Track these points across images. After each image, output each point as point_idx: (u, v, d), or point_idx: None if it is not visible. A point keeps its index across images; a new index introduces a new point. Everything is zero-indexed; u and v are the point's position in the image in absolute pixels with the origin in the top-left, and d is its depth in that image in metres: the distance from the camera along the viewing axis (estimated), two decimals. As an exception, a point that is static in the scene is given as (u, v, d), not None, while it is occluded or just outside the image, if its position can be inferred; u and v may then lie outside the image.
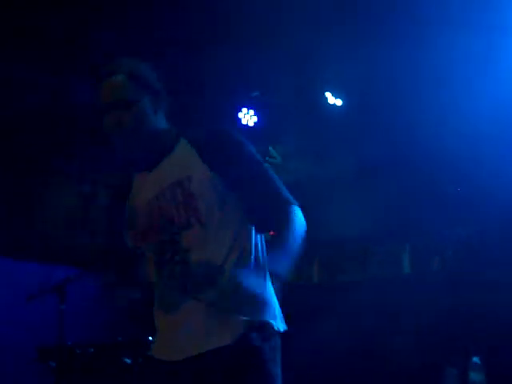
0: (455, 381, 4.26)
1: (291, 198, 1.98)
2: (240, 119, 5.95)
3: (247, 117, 5.98)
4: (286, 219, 1.94)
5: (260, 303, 1.92)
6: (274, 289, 1.94)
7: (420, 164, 5.59)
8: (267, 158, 6.15)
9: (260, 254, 2.00)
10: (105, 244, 2.21)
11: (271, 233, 1.99)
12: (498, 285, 4.88)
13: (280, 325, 1.95)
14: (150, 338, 3.87)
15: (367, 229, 5.93)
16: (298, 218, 1.96)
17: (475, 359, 4.22)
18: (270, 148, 6.22)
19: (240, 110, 5.98)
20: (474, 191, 5.40)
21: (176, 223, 1.95)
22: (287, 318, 1.98)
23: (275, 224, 1.97)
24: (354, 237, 5.95)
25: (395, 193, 5.73)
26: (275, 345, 1.92)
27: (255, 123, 5.98)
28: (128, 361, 3.79)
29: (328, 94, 5.65)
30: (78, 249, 4.77)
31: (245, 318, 1.88)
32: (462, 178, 5.46)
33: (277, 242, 1.94)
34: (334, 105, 5.69)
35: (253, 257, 1.97)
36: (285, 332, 1.97)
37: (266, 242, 2.01)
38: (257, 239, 2.01)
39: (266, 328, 1.90)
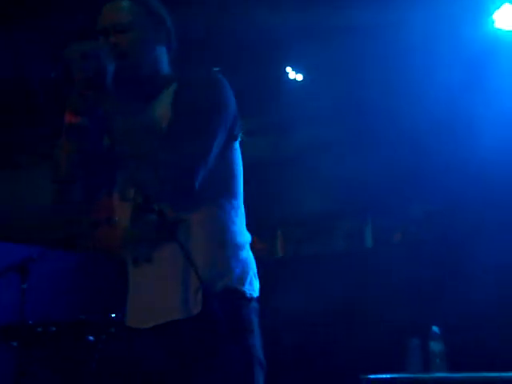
0: (418, 350, 4.34)
1: (192, 185, 1.80)
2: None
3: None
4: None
5: (229, 265, 1.86)
6: None
7: (383, 139, 5.63)
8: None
9: (229, 210, 1.92)
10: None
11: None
12: (458, 258, 4.96)
13: (253, 290, 1.90)
14: (113, 315, 3.88)
15: (330, 204, 5.96)
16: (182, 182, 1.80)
17: (435, 329, 4.30)
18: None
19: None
20: (438, 168, 5.45)
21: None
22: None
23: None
24: (317, 212, 5.98)
25: (358, 168, 5.77)
26: (248, 312, 1.86)
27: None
28: (91, 338, 3.79)
29: (288, 69, 5.63)
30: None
31: (212, 286, 1.80)
32: (426, 153, 5.50)
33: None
34: (295, 80, 5.68)
35: (221, 210, 1.89)
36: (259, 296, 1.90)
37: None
38: (230, 193, 1.93)
39: (236, 296, 1.84)
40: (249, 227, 2.01)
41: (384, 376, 4.28)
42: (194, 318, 1.79)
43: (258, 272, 1.98)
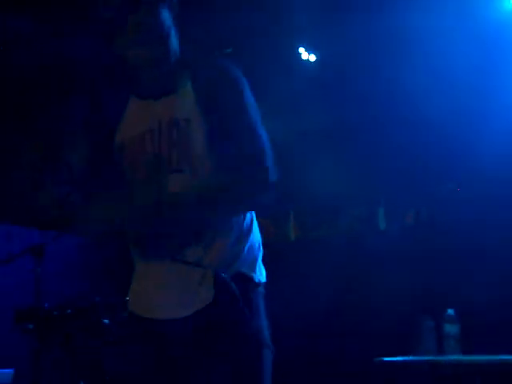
0: (432, 332, 4.32)
1: (270, 176, 1.84)
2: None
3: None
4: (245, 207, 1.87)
5: (239, 256, 1.87)
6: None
7: (396, 121, 5.58)
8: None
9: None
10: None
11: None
12: (473, 239, 4.93)
13: (261, 275, 1.91)
14: (127, 298, 3.89)
15: (343, 186, 5.93)
16: (257, 205, 1.87)
17: (450, 311, 4.28)
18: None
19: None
20: (451, 151, 5.39)
21: (167, 164, 1.85)
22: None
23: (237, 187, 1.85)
24: (328, 193, 5.95)
25: (371, 150, 5.73)
26: (257, 296, 1.88)
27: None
28: (106, 321, 3.81)
29: (301, 50, 5.57)
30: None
31: (224, 271, 1.82)
32: (440, 136, 5.45)
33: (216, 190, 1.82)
34: (308, 60, 5.61)
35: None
36: (266, 282, 1.93)
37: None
38: None
39: (245, 281, 1.85)
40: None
41: (398, 359, 4.27)
42: (210, 305, 1.81)
43: (272, 256, 1.99)
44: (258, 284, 1.89)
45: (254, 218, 1.97)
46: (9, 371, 4.11)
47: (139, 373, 1.92)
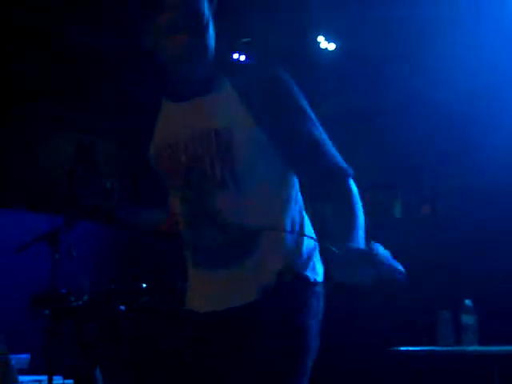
0: (449, 323, 4.30)
1: (345, 165, 1.81)
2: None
3: (239, 63, 5.86)
4: (345, 193, 1.78)
5: (293, 255, 1.80)
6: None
7: (414, 112, 5.52)
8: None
9: (297, 211, 1.85)
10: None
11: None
12: (489, 230, 4.89)
13: (316, 274, 1.84)
14: (144, 285, 3.90)
15: (359, 175, 5.89)
16: (355, 190, 1.80)
17: (467, 302, 4.25)
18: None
19: (232, 56, 5.88)
20: (468, 145, 5.33)
21: (209, 179, 1.75)
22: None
23: (332, 197, 1.77)
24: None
25: (387, 141, 5.69)
26: (311, 296, 1.82)
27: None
28: (122, 308, 3.81)
29: (320, 38, 5.52)
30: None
31: (277, 271, 1.76)
32: (457, 129, 5.39)
33: (344, 217, 1.74)
34: (327, 49, 5.56)
35: (289, 216, 1.82)
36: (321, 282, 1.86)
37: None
38: (295, 198, 1.87)
39: (298, 280, 1.79)
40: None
41: (414, 348, 4.25)
42: (259, 302, 1.75)
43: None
44: (315, 283, 1.82)
45: (305, 215, 1.89)
46: (25, 356, 4.14)
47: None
